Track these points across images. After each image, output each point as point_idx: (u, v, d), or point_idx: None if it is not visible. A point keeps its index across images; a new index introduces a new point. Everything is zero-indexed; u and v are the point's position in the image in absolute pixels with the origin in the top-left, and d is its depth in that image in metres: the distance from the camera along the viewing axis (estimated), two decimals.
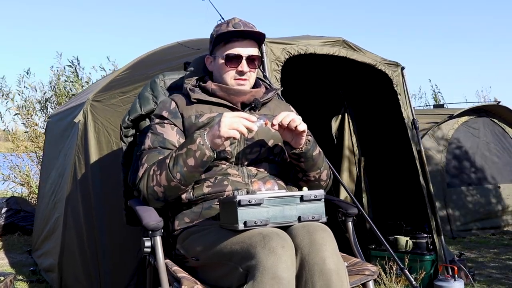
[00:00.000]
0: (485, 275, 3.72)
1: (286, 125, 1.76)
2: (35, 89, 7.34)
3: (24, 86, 7.23)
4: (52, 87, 7.33)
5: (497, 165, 5.86)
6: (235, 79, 1.93)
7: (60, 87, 7.17)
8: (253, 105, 1.93)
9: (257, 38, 1.96)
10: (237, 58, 1.91)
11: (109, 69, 7.21)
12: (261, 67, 2.72)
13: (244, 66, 1.91)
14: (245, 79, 1.93)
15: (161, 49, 3.78)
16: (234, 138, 1.73)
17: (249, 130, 1.71)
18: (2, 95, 7.22)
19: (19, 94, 7.23)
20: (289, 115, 1.76)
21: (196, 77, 2.03)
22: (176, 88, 2.17)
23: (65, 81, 7.24)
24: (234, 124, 1.68)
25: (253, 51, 1.94)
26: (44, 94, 7.37)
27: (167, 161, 1.75)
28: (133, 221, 2.08)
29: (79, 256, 3.09)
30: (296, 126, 1.76)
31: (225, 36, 1.92)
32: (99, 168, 3.06)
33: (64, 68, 7.31)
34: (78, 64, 7.34)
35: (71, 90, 7.17)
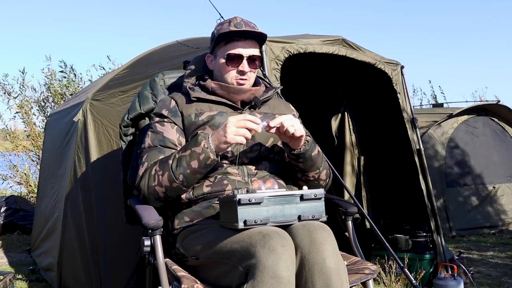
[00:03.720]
0: (484, 274, 3.73)
1: (283, 132, 1.76)
2: (34, 89, 7.36)
3: (22, 85, 7.24)
4: (47, 88, 7.32)
5: (497, 164, 5.85)
6: (236, 79, 1.93)
7: (56, 88, 7.16)
8: (253, 104, 1.93)
9: (259, 38, 1.96)
10: (238, 58, 1.91)
11: (110, 68, 7.22)
12: (260, 66, 2.72)
13: (245, 66, 1.91)
14: (246, 79, 1.93)
15: (161, 48, 3.77)
16: (240, 144, 1.73)
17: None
18: (5, 93, 7.22)
19: (21, 93, 7.24)
20: (284, 123, 1.74)
21: (196, 76, 2.03)
22: (175, 87, 2.17)
23: (59, 81, 7.22)
24: (240, 131, 1.68)
25: (254, 51, 1.94)
26: (40, 94, 7.38)
27: (170, 162, 1.75)
28: (133, 220, 2.07)
29: (78, 255, 3.09)
30: (293, 134, 1.76)
31: (227, 36, 1.92)
32: (99, 167, 3.05)
33: (55, 72, 7.28)
34: (66, 66, 7.33)
35: (68, 90, 7.15)
